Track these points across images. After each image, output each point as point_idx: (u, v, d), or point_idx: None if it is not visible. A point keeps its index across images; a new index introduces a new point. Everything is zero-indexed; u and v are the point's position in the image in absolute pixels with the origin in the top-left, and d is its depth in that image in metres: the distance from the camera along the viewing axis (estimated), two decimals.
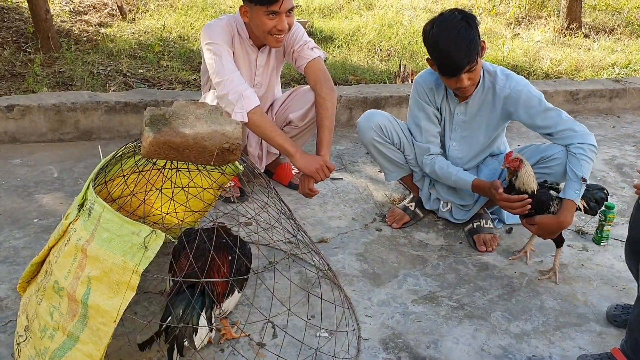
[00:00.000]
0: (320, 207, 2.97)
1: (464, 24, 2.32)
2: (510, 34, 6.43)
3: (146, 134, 1.68)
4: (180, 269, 1.82)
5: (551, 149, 2.51)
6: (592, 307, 2.37)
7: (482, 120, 2.60)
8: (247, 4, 2.54)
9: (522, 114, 2.50)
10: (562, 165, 2.46)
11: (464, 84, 2.38)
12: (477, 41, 2.33)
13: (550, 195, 2.42)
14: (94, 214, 1.73)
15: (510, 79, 2.50)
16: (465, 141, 2.68)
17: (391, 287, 2.39)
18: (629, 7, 7.50)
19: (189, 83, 4.23)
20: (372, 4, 6.87)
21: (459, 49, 2.30)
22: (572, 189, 2.37)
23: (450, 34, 2.31)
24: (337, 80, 4.58)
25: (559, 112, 2.47)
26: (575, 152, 2.40)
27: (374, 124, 2.71)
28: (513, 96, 2.48)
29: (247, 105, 2.48)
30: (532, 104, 2.46)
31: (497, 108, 2.55)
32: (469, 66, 2.33)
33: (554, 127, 2.46)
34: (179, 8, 5.79)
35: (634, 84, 4.85)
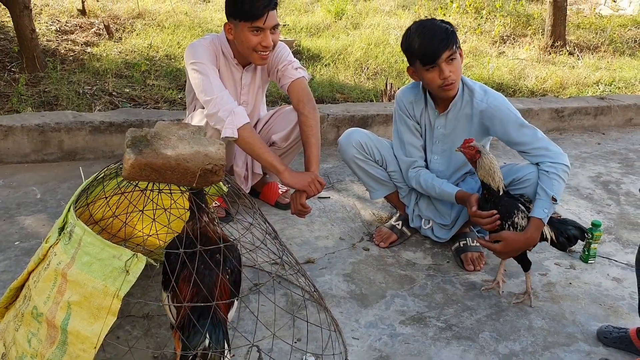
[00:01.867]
0: (307, 226, 2.95)
1: (439, 21, 2.42)
2: (495, 52, 6.49)
3: (127, 155, 1.65)
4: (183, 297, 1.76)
5: (523, 170, 2.49)
6: (581, 327, 2.35)
7: (461, 134, 2.60)
8: (231, 21, 2.54)
9: (498, 129, 2.51)
10: (533, 186, 2.43)
11: (446, 73, 2.38)
12: (453, 32, 2.39)
13: (516, 205, 2.37)
14: (75, 237, 1.70)
15: (488, 94, 2.53)
16: (446, 155, 2.68)
17: (379, 308, 2.37)
18: (612, 26, 7.60)
19: (175, 102, 4.22)
20: (359, 23, 6.91)
21: (436, 35, 2.36)
22: (542, 207, 2.34)
23: (425, 26, 2.40)
24: (325, 98, 4.58)
25: (534, 130, 2.48)
26: (548, 170, 2.38)
27: (354, 141, 2.73)
28: (489, 111, 2.50)
29: (237, 122, 2.47)
30: (508, 120, 2.48)
31: (475, 122, 2.56)
32: (448, 52, 2.36)
33: (528, 145, 2.46)
34: (165, 27, 5.79)
35: (619, 101, 4.90)
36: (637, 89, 5.57)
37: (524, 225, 2.35)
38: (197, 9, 6.92)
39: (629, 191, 3.65)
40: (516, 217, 2.34)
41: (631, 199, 3.53)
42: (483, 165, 2.35)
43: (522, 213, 2.37)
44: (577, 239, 2.44)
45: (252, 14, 2.45)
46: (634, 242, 3.00)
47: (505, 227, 2.36)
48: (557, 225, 2.43)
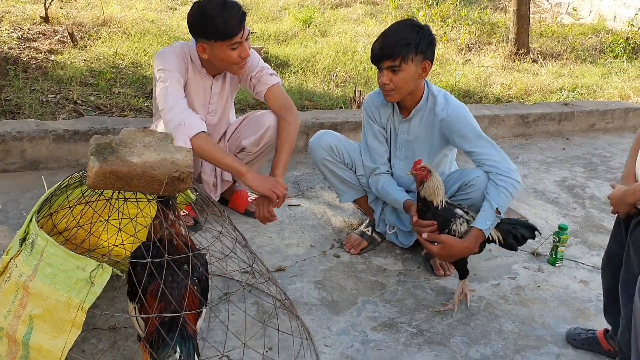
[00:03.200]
0: (278, 234, 2.92)
1: (412, 28, 2.38)
2: (461, 59, 6.58)
3: (91, 163, 1.61)
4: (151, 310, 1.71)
5: (470, 174, 2.49)
6: (550, 329, 2.38)
7: (424, 142, 2.61)
8: (204, 42, 2.51)
9: (456, 139, 2.51)
10: (478, 192, 2.44)
11: (382, 79, 2.40)
12: (410, 45, 2.34)
13: (453, 213, 2.37)
14: (37, 249, 1.65)
15: (449, 103, 2.52)
16: (408, 161, 2.68)
17: (350, 314, 2.35)
18: (573, 34, 7.79)
19: (142, 110, 4.15)
20: (327, 31, 6.94)
21: (386, 41, 2.36)
22: (485, 218, 2.32)
23: (391, 28, 2.41)
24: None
25: (491, 143, 2.49)
26: (497, 182, 2.38)
27: (325, 143, 2.73)
28: (449, 120, 2.49)
29: (189, 132, 2.44)
30: (465, 130, 2.48)
31: (436, 130, 2.57)
32: (390, 62, 2.36)
33: (482, 155, 2.45)
34: (131, 35, 5.71)
35: (582, 107, 5.01)
36: (599, 95, 5.70)
37: (462, 230, 2.34)
38: (164, 16, 6.85)
39: (593, 195, 3.72)
40: (454, 225, 2.35)
41: (596, 203, 3.60)
42: (431, 185, 2.33)
43: (460, 219, 2.36)
44: (526, 238, 2.43)
45: (228, 33, 2.43)
46: (600, 245, 3.05)
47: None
48: (504, 227, 2.42)
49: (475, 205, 2.45)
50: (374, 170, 2.68)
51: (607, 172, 4.12)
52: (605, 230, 3.22)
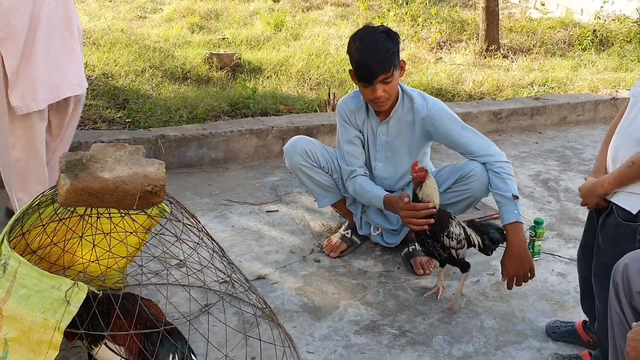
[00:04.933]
0: (257, 242, 2.91)
1: (384, 36, 2.41)
2: (433, 58, 6.62)
3: (62, 181, 1.59)
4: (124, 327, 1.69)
5: (467, 166, 2.54)
6: (530, 324, 2.40)
7: (404, 141, 2.64)
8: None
9: (441, 133, 2.56)
10: (479, 181, 2.49)
11: (377, 94, 2.41)
12: (394, 53, 2.39)
13: (448, 214, 2.39)
14: (10, 270, 1.62)
15: (427, 100, 2.58)
16: (389, 161, 2.70)
17: (332, 319, 2.35)
18: (542, 28, 7.89)
19: (114, 121, 4.10)
20: (299, 34, 6.93)
21: (375, 56, 2.36)
22: (510, 211, 2.36)
23: (369, 42, 2.40)
24: (268, 110, 4.56)
25: (473, 131, 2.56)
26: (497, 171, 2.44)
27: (299, 148, 2.73)
28: (431, 116, 2.54)
29: None
30: (448, 124, 2.54)
31: (417, 128, 2.59)
32: (384, 75, 2.37)
33: (470, 146, 2.52)
34: (101, 45, 5.64)
35: (553, 100, 5.08)
36: (570, 89, 5.78)
37: (457, 232, 2.36)
38: (134, 25, 6.79)
39: (567, 187, 3.77)
40: (451, 226, 2.35)
41: (570, 195, 3.65)
42: (429, 184, 2.34)
43: (455, 220, 2.39)
44: (499, 241, 2.49)
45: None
46: (576, 237, 3.09)
47: (441, 238, 2.34)
48: (481, 229, 2.48)
49: (474, 195, 2.53)
50: (350, 173, 2.68)
51: (580, 165, 4.18)
52: (580, 223, 3.26)
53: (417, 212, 2.33)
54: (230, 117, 4.38)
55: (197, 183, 3.53)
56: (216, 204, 3.28)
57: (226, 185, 3.54)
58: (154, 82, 4.93)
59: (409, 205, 2.36)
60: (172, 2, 8.11)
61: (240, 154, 3.87)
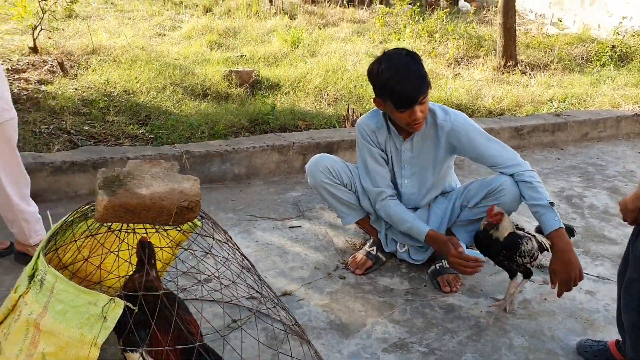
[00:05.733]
0: (281, 257, 2.91)
1: (410, 59, 2.40)
2: (451, 74, 6.63)
3: (100, 197, 1.60)
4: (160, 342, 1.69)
5: (497, 180, 2.55)
6: (560, 342, 2.37)
7: (429, 156, 2.63)
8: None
9: (466, 147, 2.56)
10: (509, 195, 2.50)
11: (417, 116, 2.40)
12: (425, 74, 2.40)
13: (517, 235, 2.41)
14: (47, 285, 1.63)
15: (448, 113, 2.58)
16: (415, 177, 2.70)
17: (360, 337, 2.34)
18: (559, 44, 7.88)
19: (137, 137, 4.14)
20: (316, 51, 6.98)
21: (412, 82, 2.35)
22: (550, 219, 2.37)
23: (400, 70, 2.37)
24: (287, 126, 4.58)
25: (498, 142, 2.57)
26: (528, 180, 2.46)
27: (322, 166, 2.72)
28: (455, 129, 2.54)
29: None
30: (473, 137, 2.54)
31: (441, 142, 2.59)
32: (423, 97, 2.37)
33: (496, 158, 2.53)
34: (122, 62, 5.71)
35: (574, 117, 5.05)
36: (590, 105, 5.76)
37: (529, 248, 2.38)
38: (153, 42, 6.87)
39: (592, 204, 3.74)
40: (522, 246, 2.38)
41: (595, 212, 3.62)
42: (505, 225, 2.39)
43: (525, 237, 2.41)
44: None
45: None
46: (602, 254, 3.06)
47: (514, 259, 2.40)
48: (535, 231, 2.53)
49: (505, 209, 2.51)
50: (379, 194, 2.66)
51: (603, 181, 4.15)
52: (606, 240, 3.23)
53: (466, 262, 2.42)
54: (250, 133, 4.41)
55: (220, 198, 3.54)
56: (240, 219, 3.29)
57: (249, 200, 3.55)
58: (174, 98, 4.98)
59: (461, 256, 2.43)
60: (191, 20, 8.21)
61: (262, 169, 3.89)
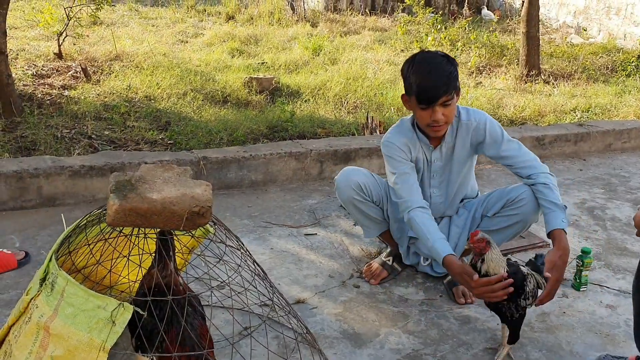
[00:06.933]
0: (296, 265, 2.89)
1: (444, 59, 2.38)
2: (472, 82, 6.58)
3: (111, 201, 1.60)
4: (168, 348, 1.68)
5: (516, 190, 2.52)
6: (579, 357, 2.31)
7: (455, 160, 2.61)
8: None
9: (488, 143, 2.52)
10: (529, 204, 2.46)
11: (437, 116, 2.36)
12: (455, 77, 2.36)
13: (523, 274, 2.18)
14: (57, 288, 1.63)
15: (469, 111, 2.55)
16: (443, 185, 2.67)
17: (373, 347, 2.30)
18: (583, 54, 7.77)
19: (156, 143, 4.17)
20: (337, 59, 6.98)
21: (437, 78, 2.32)
22: (558, 218, 2.29)
23: (430, 65, 2.36)
24: (306, 133, 4.58)
25: (519, 143, 2.54)
26: (545, 182, 2.41)
27: (354, 183, 2.65)
28: (479, 126, 2.51)
29: None
30: (496, 133, 2.51)
31: (467, 143, 2.56)
32: (445, 98, 2.33)
33: (516, 158, 2.49)
34: (144, 68, 5.78)
35: (597, 127, 4.96)
36: (614, 115, 5.66)
37: (532, 287, 2.19)
38: (175, 49, 6.94)
39: (614, 216, 3.65)
40: (527, 287, 2.18)
41: (617, 224, 3.54)
42: (492, 258, 2.15)
43: (529, 276, 2.20)
44: None
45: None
46: (624, 268, 2.99)
47: (518, 302, 2.17)
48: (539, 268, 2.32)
49: (524, 220, 2.49)
50: (406, 207, 2.52)
51: (626, 193, 4.06)
52: (628, 253, 3.16)
53: (492, 286, 2.14)
54: (269, 139, 4.41)
55: (236, 204, 3.54)
56: (255, 225, 3.28)
57: (265, 207, 3.54)
58: (195, 105, 5.02)
59: (481, 282, 2.15)
60: (213, 27, 8.29)
61: (279, 176, 3.88)
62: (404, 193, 2.53)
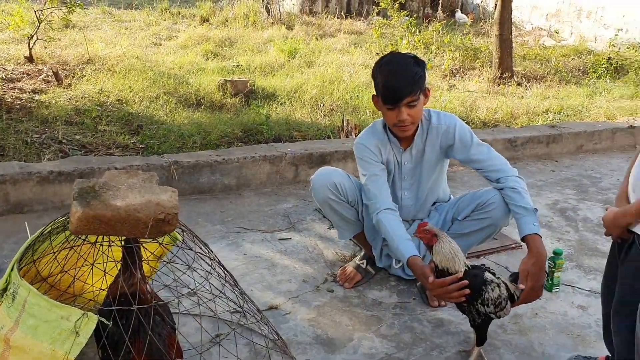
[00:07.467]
0: (269, 270, 2.86)
1: (412, 60, 2.40)
2: (446, 85, 6.61)
3: (74, 208, 1.56)
4: None
5: (487, 194, 2.53)
6: (550, 358, 2.33)
7: (425, 162, 2.62)
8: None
9: (458, 147, 2.53)
10: (499, 209, 2.47)
11: (403, 116, 2.37)
12: (421, 77, 2.38)
13: (483, 279, 2.12)
14: (19, 299, 1.59)
15: (440, 115, 2.57)
16: (413, 187, 2.67)
17: (346, 352, 2.29)
18: (556, 56, 7.87)
19: (128, 147, 4.11)
20: (313, 62, 6.97)
21: (403, 79, 2.34)
22: (529, 223, 2.30)
23: (397, 65, 2.39)
24: (282, 136, 4.55)
25: (488, 147, 2.55)
26: (513, 186, 2.41)
27: (330, 183, 2.64)
28: (449, 130, 2.53)
29: None
30: (465, 137, 2.53)
31: (437, 146, 2.57)
32: (410, 98, 2.34)
33: (485, 161, 2.50)
34: (117, 72, 5.69)
35: (569, 129, 5.02)
36: (585, 116, 5.73)
37: (495, 296, 2.11)
38: (149, 52, 6.86)
39: (586, 217, 3.69)
40: (486, 293, 2.10)
41: (588, 225, 3.57)
42: (441, 250, 2.14)
43: (492, 284, 2.12)
44: None
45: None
46: (596, 269, 3.02)
47: (476, 306, 2.13)
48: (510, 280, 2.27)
49: (494, 223, 2.50)
50: (374, 209, 2.53)
51: (598, 194, 4.11)
52: (600, 253, 3.19)
53: (447, 287, 2.13)
54: (243, 143, 4.38)
55: (209, 210, 3.50)
56: (228, 231, 3.25)
57: (238, 212, 3.51)
58: (167, 108, 4.96)
59: (436, 283, 2.15)
60: (187, 29, 8.22)
61: (253, 180, 3.85)
62: (373, 195, 2.55)
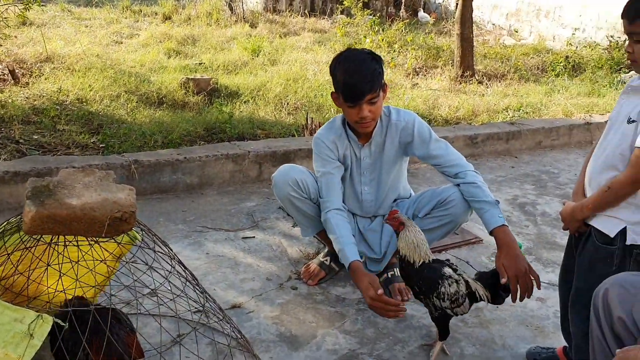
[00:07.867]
0: (232, 269, 2.85)
1: (369, 57, 2.41)
2: (409, 84, 6.67)
3: (27, 208, 1.52)
4: None
5: (446, 191, 2.57)
6: (510, 350, 2.37)
7: (386, 158, 2.64)
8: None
9: (417, 143, 2.56)
10: (458, 205, 2.51)
11: (364, 113, 2.39)
12: (380, 74, 2.39)
13: (441, 273, 2.16)
14: None
15: (399, 112, 2.60)
16: (374, 183, 2.69)
17: (310, 349, 2.29)
18: (515, 55, 8.02)
19: (88, 147, 4.03)
20: (277, 60, 6.95)
21: (362, 76, 2.35)
22: (494, 216, 2.33)
23: (355, 63, 2.39)
24: (245, 135, 4.53)
25: (446, 143, 2.59)
26: (473, 181, 2.46)
27: (291, 179, 2.63)
28: (408, 126, 2.56)
29: None
30: (424, 133, 2.56)
31: (396, 142, 2.59)
32: (371, 95, 2.36)
33: (443, 157, 2.55)
34: (76, 70, 5.58)
35: (528, 125, 5.13)
36: (544, 113, 5.85)
37: (452, 291, 2.14)
38: (110, 50, 6.75)
39: (544, 211, 3.78)
40: (442, 287, 2.14)
41: (547, 219, 3.66)
42: (405, 238, 2.19)
43: (449, 279, 2.15)
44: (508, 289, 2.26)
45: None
46: (554, 261, 3.09)
47: (432, 299, 2.16)
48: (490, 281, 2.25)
49: (454, 220, 2.53)
50: (325, 207, 2.57)
51: (556, 189, 4.21)
52: (558, 247, 3.27)
53: (386, 306, 2.16)
54: (206, 142, 4.33)
55: (171, 209, 3.46)
56: (191, 230, 3.21)
57: (201, 211, 3.47)
58: (129, 107, 4.88)
59: (381, 299, 2.15)
60: (149, 27, 8.10)
61: (215, 179, 3.82)
62: (325, 193, 2.59)
